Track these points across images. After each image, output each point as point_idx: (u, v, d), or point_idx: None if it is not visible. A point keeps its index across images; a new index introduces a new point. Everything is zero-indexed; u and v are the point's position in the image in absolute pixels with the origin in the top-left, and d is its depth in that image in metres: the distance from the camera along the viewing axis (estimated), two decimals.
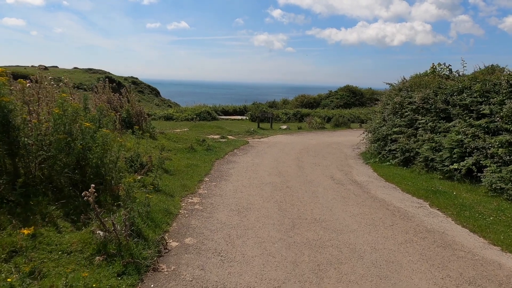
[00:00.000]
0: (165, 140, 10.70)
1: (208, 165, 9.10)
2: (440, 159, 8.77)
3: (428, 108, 9.87)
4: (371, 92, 40.21)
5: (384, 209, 6.29)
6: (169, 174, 7.60)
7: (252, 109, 26.61)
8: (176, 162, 8.72)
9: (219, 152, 10.90)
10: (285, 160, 10.50)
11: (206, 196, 6.60)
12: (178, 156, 9.43)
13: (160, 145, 9.55)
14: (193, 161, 9.18)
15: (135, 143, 8.25)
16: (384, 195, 7.24)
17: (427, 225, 5.57)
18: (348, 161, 11.10)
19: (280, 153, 11.69)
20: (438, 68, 11.70)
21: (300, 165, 9.91)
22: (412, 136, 10.10)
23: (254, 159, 10.41)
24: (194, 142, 11.37)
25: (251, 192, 6.99)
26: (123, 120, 9.98)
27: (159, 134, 11.03)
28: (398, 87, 11.82)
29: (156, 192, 6.19)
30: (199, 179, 7.68)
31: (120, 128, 9.17)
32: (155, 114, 26.51)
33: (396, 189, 7.87)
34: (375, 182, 8.46)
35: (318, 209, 6.11)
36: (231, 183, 7.63)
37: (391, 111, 11.24)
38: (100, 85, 9.96)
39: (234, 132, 15.73)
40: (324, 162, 10.63)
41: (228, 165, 9.48)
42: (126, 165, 6.84)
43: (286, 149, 12.64)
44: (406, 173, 9.27)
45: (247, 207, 6.03)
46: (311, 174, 8.86)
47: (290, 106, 34.57)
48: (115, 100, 10.21)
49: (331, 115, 26.93)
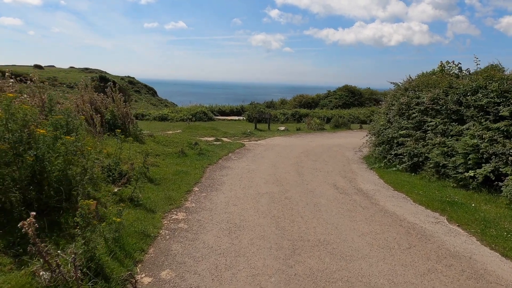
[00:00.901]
0: (154, 143, 9.81)
1: (199, 171, 8.22)
2: (453, 165, 7.93)
3: (438, 109, 9.03)
4: (370, 92, 39.46)
5: (397, 226, 5.43)
6: (154, 184, 6.72)
7: (249, 109, 25.76)
8: (163, 169, 7.84)
9: (212, 156, 10.02)
10: (283, 165, 9.63)
11: (194, 210, 5.72)
12: (167, 162, 8.54)
13: (146, 149, 8.65)
14: (183, 168, 8.29)
15: (117, 148, 7.36)
16: (395, 208, 6.38)
17: (450, 247, 4.72)
18: (351, 166, 10.24)
19: (278, 157, 10.82)
20: (447, 66, 10.86)
21: (300, 171, 9.04)
22: (420, 140, 9.25)
23: (250, 165, 9.54)
24: (185, 145, 10.49)
25: (245, 205, 6.12)
26: (107, 122, 9.09)
27: (148, 137, 10.14)
28: (404, 87, 10.97)
29: (135, 207, 5.31)
30: (187, 189, 6.80)
31: (102, 131, 8.28)
32: (149, 114, 25.61)
33: (407, 199, 7.02)
34: (383, 191, 7.61)
35: (322, 226, 5.25)
36: (223, 193, 6.76)
37: (397, 112, 10.39)
38: (82, 83, 9.06)
39: (229, 134, 14.85)
40: (326, 167, 9.77)
41: (221, 171, 8.60)
42: (103, 174, 5.97)
43: (284, 152, 11.77)
44: (415, 180, 8.42)
45: (240, 225, 5.15)
46: (312, 182, 7.99)
47: (288, 106, 33.74)
48: (98, 100, 9.31)
49: (330, 116, 26.10)
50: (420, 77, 11.22)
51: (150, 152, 8.84)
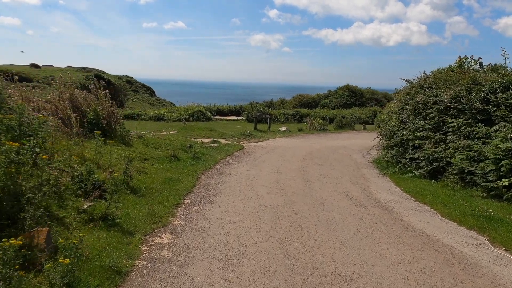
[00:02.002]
0: (143, 146, 8.72)
1: (192, 179, 7.14)
2: (482, 172, 6.87)
3: (461, 109, 7.98)
4: (371, 92, 38.45)
5: (431, 251, 4.37)
6: (137, 195, 5.64)
7: (248, 109, 24.69)
8: (150, 177, 6.76)
9: (208, 160, 8.93)
10: (287, 171, 8.56)
11: (182, 230, 4.64)
12: (156, 168, 7.46)
13: (131, 154, 7.56)
14: (174, 174, 7.21)
15: (96, 153, 6.28)
16: (422, 224, 5.32)
17: (507, 282, 3.67)
18: (362, 171, 9.18)
19: (281, 161, 9.75)
20: (466, 61, 9.81)
21: (306, 178, 7.97)
22: (440, 142, 8.19)
23: (250, 170, 8.46)
24: (178, 148, 9.41)
25: (245, 222, 5.05)
26: (90, 123, 8.00)
27: (137, 138, 9.05)
28: (419, 84, 9.92)
29: (108, 228, 4.24)
30: (177, 201, 5.72)
31: (82, 132, 7.20)
32: (145, 114, 24.51)
33: (433, 213, 5.96)
34: (403, 202, 6.55)
35: (340, 252, 4.18)
36: (218, 206, 5.68)
37: (412, 112, 9.33)
38: (60, 80, 7.97)
39: (227, 135, 13.77)
40: (334, 172, 8.71)
41: (218, 178, 7.52)
42: (74, 186, 4.89)
43: (287, 155, 10.71)
44: (436, 189, 7.37)
45: (238, 251, 4.08)
46: (321, 191, 6.93)
47: (288, 106, 32.68)
48: (80, 98, 8.22)
49: (332, 116, 25.05)
50: (436, 73, 10.17)
51: (138, 156, 7.77)
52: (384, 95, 40.51)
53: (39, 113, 7.37)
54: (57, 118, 7.20)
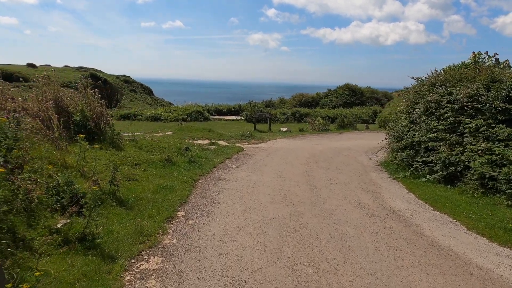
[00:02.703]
0: (135, 149, 8.02)
1: (187, 186, 6.44)
2: (505, 177, 6.22)
3: (480, 108, 7.33)
4: (371, 91, 37.83)
5: (466, 275, 3.71)
6: (125, 208, 4.94)
7: (247, 108, 23.99)
8: (141, 184, 6.06)
9: (206, 164, 8.24)
10: (291, 176, 7.88)
11: (174, 252, 3.96)
12: (148, 174, 6.76)
13: (121, 159, 6.86)
14: (168, 181, 6.51)
15: (80, 159, 5.58)
16: (449, 240, 4.66)
17: None
18: (370, 175, 8.52)
19: (284, 165, 9.07)
20: (480, 57, 9.14)
21: (311, 183, 7.30)
22: (456, 145, 7.53)
23: (251, 175, 7.78)
24: (174, 151, 8.71)
25: (247, 239, 4.37)
26: (76, 124, 7.29)
27: (128, 141, 8.34)
28: (430, 82, 9.25)
29: (86, 251, 3.55)
30: (169, 214, 5.02)
31: (66, 136, 6.49)
32: (141, 114, 23.78)
33: (457, 225, 5.29)
34: (421, 211, 5.89)
35: (361, 280, 3.50)
36: (217, 220, 5.00)
37: (423, 112, 8.66)
38: (43, 77, 7.26)
39: (226, 136, 13.07)
40: (341, 177, 8.03)
41: (216, 185, 6.83)
42: (49, 199, 4.20)
43: (289, 158, 10.02)
44: (454, 196, 6.71)
45: (240, 281, 3.40)
46: (330, 199, 6.25)
47: (288, 106, 31.99)
48: (66, 98, 7.51)
49: (333, 115, 24.40)
50: (448, 70, 9.51)
51: (129, 161, 7.07)
52: (384, 94, 39.91)
53: (20, 114, 6.67)
54: (39, 120, 6.52)
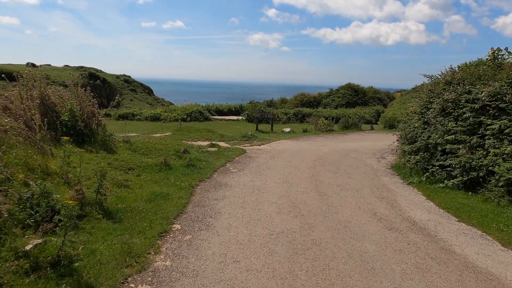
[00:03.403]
0: (129, 152, 7.37)
1: (185, 194, 5.80)
2: None
3: (504, 108, 6.69)
4: (373, 91, 37.25)
5: None
6: (112, 221, 4.30)
7: (249, 108, 23.38)
8: (134, 192, 5.43)
9: (205, 168, 7.59)
10: (297, 181, 7.24)
11: (167, 277, 3.31)
12: (142, 180, 6.13)
13: (112, 163, 6.22)
14: (163, 188, 5.87)
15: (64, 164, 4.95)
16: (483, 259, 4.01)
17: None
18: (382, 179, 7.88)
19: (289, 168, 8.43)
20: (499, 54, 8.49)
21: (320, 190, 6.66)
22: (478, 148, 6.89)
23: (254, 180, 7.14)
24: (171, 153, 8.07)
25: (252, 261, 3.72)
26: (65, 125, 6.66)
27: (122, 143, 7.70)
28: (445, 80, 8.61)
29: (59, 280, 2.91)
30: (163, 227, 4.38)
31: (50, 137, 5.85)
32: (141, 114, 23.16)
33: (488, 239, 4.65)
34: (445, 223, 5.24)
35: None
36: (217, 234, 4.35)
37: (439, 112, 8.02)
38: (27, 74, 6.61)
39: (227, 137, 12.42)
40: (352, 182, 7.39)
41: (217, 192, 6.19)
42: (22, 213, 3.56)
43: (294, 161, 9.38)
44: (478, 204, 6.07)
45: None
46: (342, 208, 5.62)
47: (289, 105, 31.40)
48: (54, 96, 6.88)
49: (336, 115, 23.79)
50: (464, 68, 8.86)
51: (121, 165, 6.43)
52: (386, 94, 39.31)
53: None
54: (21, 120, 5.89)
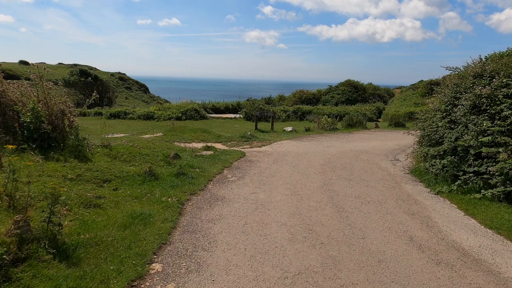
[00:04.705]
0: (107, 159, 6.11)
1: (171, 214, 4.57)
2: None
3: None
4: (373, 88, 36.14)
5: None
6: (66, 263, 3.06)
7: (247, 106, 22.11)
8: (106, 214, 4.19)
9: (198, 177, 6.36)
10: (307, 191, 6.03)
11: None
12: (119, 195, 4.89)
13: (83, 174, 4.96)
14: (145, 206, 4.64)
15: (10, 180, 3.71)
16: None
17: None
18: (404, 188, 6.70)
19: (295, 174, 7.23)
20: None
21: (336, 203, 5.46)
22: None
23: (257, 191, 5.93)
24: (159, 159, 6.84)
25: None
26: (26, 128, 5.40)
27: (100, 148, 6.43)
28: (473, 72, 7.42)
29: None
30: (137, 271, 3.15)
31: (5, 142, 4.60)
32: (133, 112, 21.81)
33: None
34: (501, 250, 4.07)
35: None
36: (211, 280, 3.13)
37: (470, 109, 6.85)
38: None
39: (224, 138, 11.18)
40: (370, 192, 6.21)
41: (212, 209, 4.97)
42: None
43: (301, 165, 8.18)
44: None
45: None
46: (369, 230, 4.42)
47: (287, 103, 30.18)
48: (13, 93, 5.61)
49: (337, 113, 22.60)
50: (494, 58, 7.68)
51: (94, 177, 5.19)
52: (386, 90, 38.24)
53: None
54: None
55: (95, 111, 22.22)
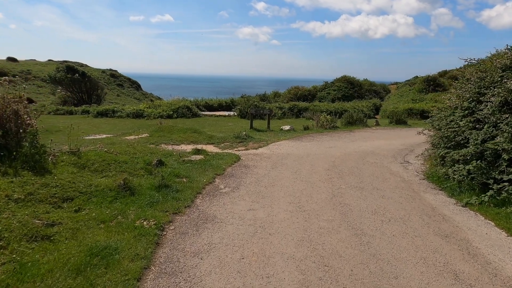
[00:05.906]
0: (73, 169, 4.99)
1: (146, 245, 3.48)
2: None
3: None
4: (369, 84, 35.23)
5: None
6: None
7: (241, 103, 20.99)
8: (56, 249, 3.10)
9: (185, 190, 5.26)
10: (315, 206, 4.99)
11: None
12: (81, 218, 3.79)
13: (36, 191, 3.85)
14: (112, 235, 3.56)
15: None
16: None
17: None
18: (424, 198, 5.71)
19: (298, 183, 6.18)
20: None
21: (352, 223, 4.44)
22: None
23: (254, 207, 4.87)
24: (139, 167, 5.73)
25: None
26: None
27: (67, 155, 5.30)
28: (501, 65, 6.43)
29: None
30: None
31: None
32: (122, 110, 20.54)
33: None
34: None
35: None
36: None
37: (500, 107, 5.86)
38: None
39: (217, 139, 10.08)
40: (388, 205, 5.19)
41: (199, 236, 3.90)
42: None
43: (304, 170, 7.14)
44: None
45: None
46: (400, 264, 3.40)
47: (283, 99, 29.11)
48: None
49: (334, 109, 21.60)
50: None
51: (52, 194, 4.08)
52: (382, 86, 37.43)
53: None
54: None
55: (82, 109, 20.92)
